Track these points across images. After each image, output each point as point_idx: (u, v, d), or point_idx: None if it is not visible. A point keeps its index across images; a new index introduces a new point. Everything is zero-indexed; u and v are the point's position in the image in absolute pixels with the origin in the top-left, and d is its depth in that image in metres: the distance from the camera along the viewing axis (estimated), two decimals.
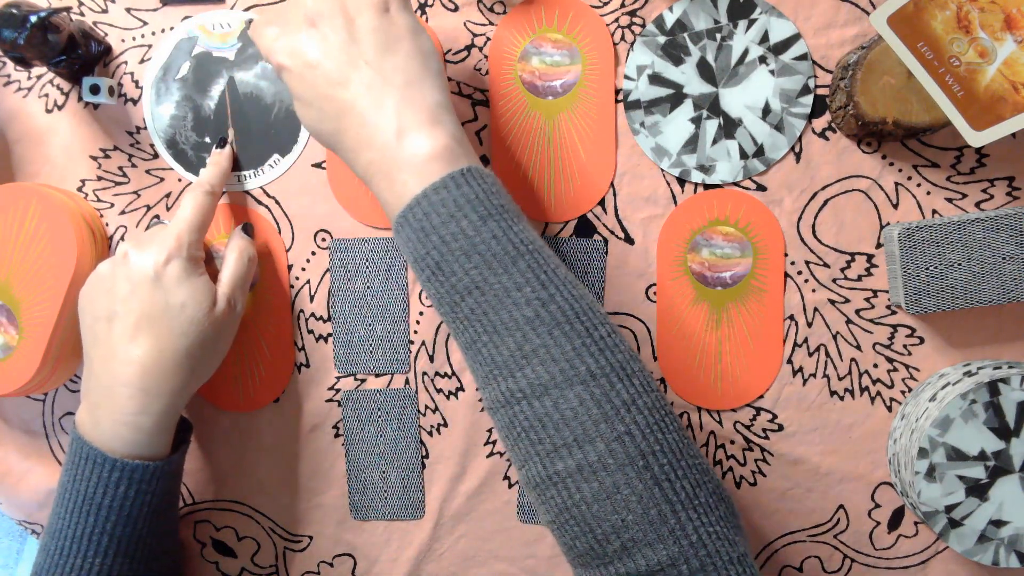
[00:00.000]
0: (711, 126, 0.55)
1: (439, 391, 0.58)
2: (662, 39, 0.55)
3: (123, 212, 0.58)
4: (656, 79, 0.55)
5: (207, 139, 0.57)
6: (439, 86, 0.45)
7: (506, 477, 0.57)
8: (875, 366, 0.56)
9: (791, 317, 0.56)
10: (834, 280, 0.55)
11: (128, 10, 0.57)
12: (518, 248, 0.41)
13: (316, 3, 0.45)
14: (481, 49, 0.56)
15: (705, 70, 0.55)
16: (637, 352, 0.56)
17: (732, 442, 0.57)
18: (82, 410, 0.49)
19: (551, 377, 0.38)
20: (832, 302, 0.55)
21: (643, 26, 0.55)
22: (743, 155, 0.55)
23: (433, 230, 0.41)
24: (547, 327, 0.39)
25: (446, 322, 0.43)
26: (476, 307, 0.40)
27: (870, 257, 0.55)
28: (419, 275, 0.42)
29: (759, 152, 0.55)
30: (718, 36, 0.55)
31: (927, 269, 0.52)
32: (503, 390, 0.40)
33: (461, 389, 0.57)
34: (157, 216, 0.58)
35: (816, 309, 0.56)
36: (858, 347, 0.56)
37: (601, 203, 0.56)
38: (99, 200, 0.58)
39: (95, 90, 0.53)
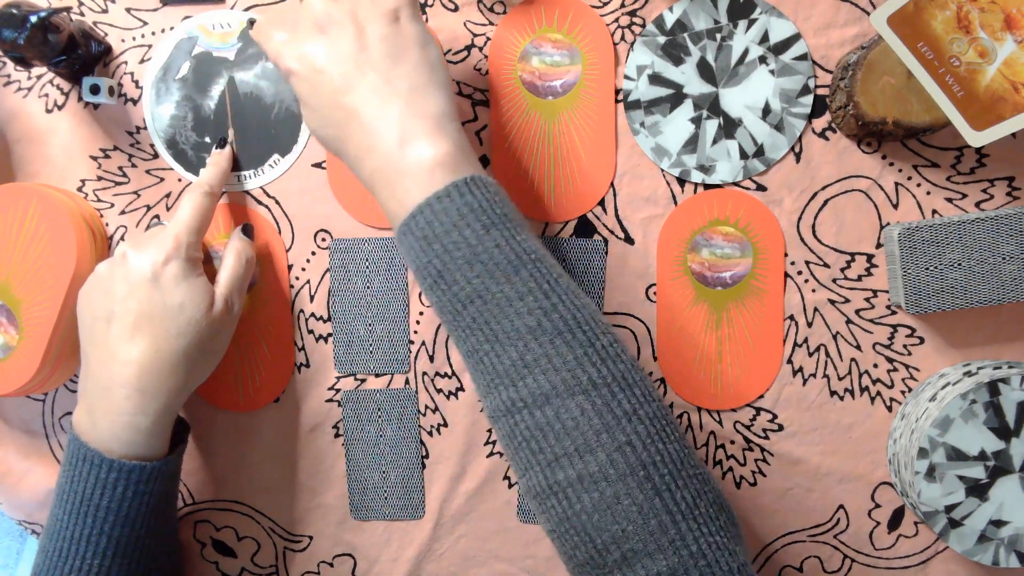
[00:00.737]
0: (711, 126, 0.55)
1: (439, 391, 0.58)
2: (662, 39, 0.55)
3: (123, 212, 0.58)
4: (656, 79, 0.55)
5: (207, 139, 0.57)
6: (445, 95, 0.45)
7: (506, 477, 0.57)
8: (875, 366, 0.56)
9: (791, 317, 0.56)
10: (834, 280, 0.55)
11: (128, 10, 0.57)
12: (521, 257, 0.40)
13: (327, 9, 0.45)
14: (481, 49, 0.56)
15: (705, 70, 0.55)
16: (637, 354, 0.56)
17: (732, 442, 0.57)
18: (79, 411, 0.49)
19: (552, 387, 0.38)
20: (832, 302, 0.55)
21: (643, 26, 0.55)
22: (743, 155, 0.55)
23: (436, 239, 0.41)
24: (549, 336, 0.39)
25: (448, 330, 0.43)
26: (478, 316, 0.40)
27: (870, 257, 0.55)
28: (421, 283, 0.42)
29: (759, 152, 0.55)
30: (718, 36, 0.55)
31: (927, 269, 0.52)
32: (504, 399, 0.40)
33: (461, 389, 0.57)
34: (157, 216, 0.58)
35: (816, 309, 0.56)
36: (858, 347, 0.56)
37: (601, 203, 0.56)
38: (99, 200, 0.58)
39: (95, 90, 0.53)
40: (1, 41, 0.49)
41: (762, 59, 0.55)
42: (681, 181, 0.56)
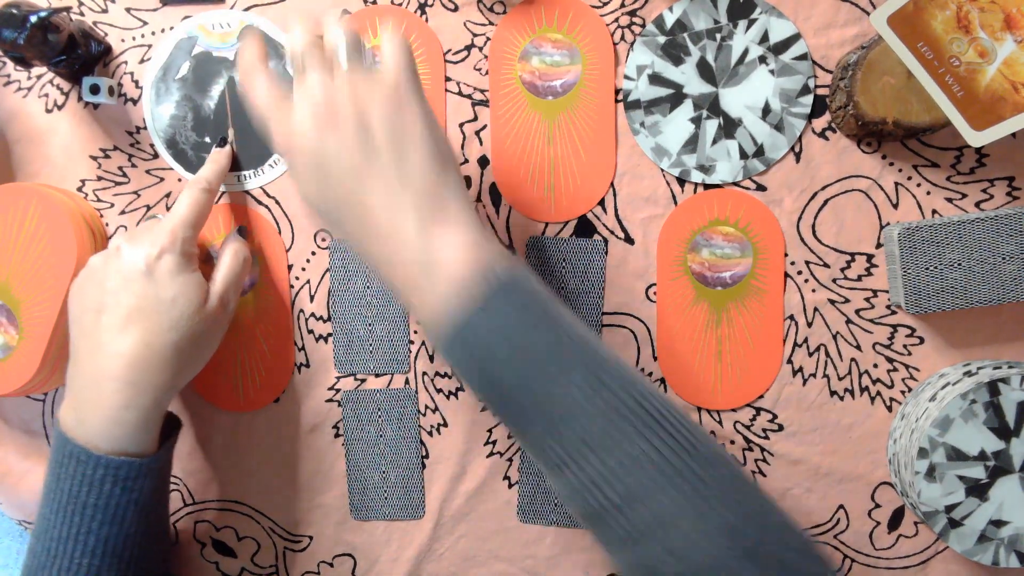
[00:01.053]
0: (711, 126, 0.55)
1: (439, 391, 0.58)
2: (662, 39, 0.55)
3: (123, 212, 0.58)
4: (656, 79, 0.55)
5: (207, 139, 0.57)
6: (455, 177, 0.43)
7: (506, 477, 0.57)
8: (875, 366, 0.56)
9: (791, 317, 0.56)
10: (834, 280, 0.55)
11: (128, 10, 0.57)
12: (575, 354, 0.40)
13: (327, 97, 0.42)
14: (481, 49, 0.56)
15: (705, 70, 0.55)
16: (637, 354, 0.56)
17: (732, 442, 0.57)
18: (65, 406, 0.48)
19: (641, 485, 0.38)
20: (832, 302, 0.55)
21: (643, 26, 0.55)
22: (743, 155, 0.55)
23: (487, 351, 0.40)
24: (625, 435, 0.38)
25: (520, 443, 0.42)
26: (547, 424, 0.39)
27: (870, 257, 0.55)
28: (479, 395, 0.42)
29: (759, 152, 0.55)
30: (718, 36, 0.55)
31: (927, 269, 0.52)
32: (593, 503, 0.39)
33: (461, 389, 0.57)
34: (155, 215, 0.58)
35: (816, 309, 0.56)
36: (858, 347, 0.56)
37: (601, 203, 0.56)
38: (99, 200, 0.58)
39: (95, 90, 0.53)
40: (1, 41, 0.49)
41: (762, 59, 0.55)
42: (681, 181, 0.56)
